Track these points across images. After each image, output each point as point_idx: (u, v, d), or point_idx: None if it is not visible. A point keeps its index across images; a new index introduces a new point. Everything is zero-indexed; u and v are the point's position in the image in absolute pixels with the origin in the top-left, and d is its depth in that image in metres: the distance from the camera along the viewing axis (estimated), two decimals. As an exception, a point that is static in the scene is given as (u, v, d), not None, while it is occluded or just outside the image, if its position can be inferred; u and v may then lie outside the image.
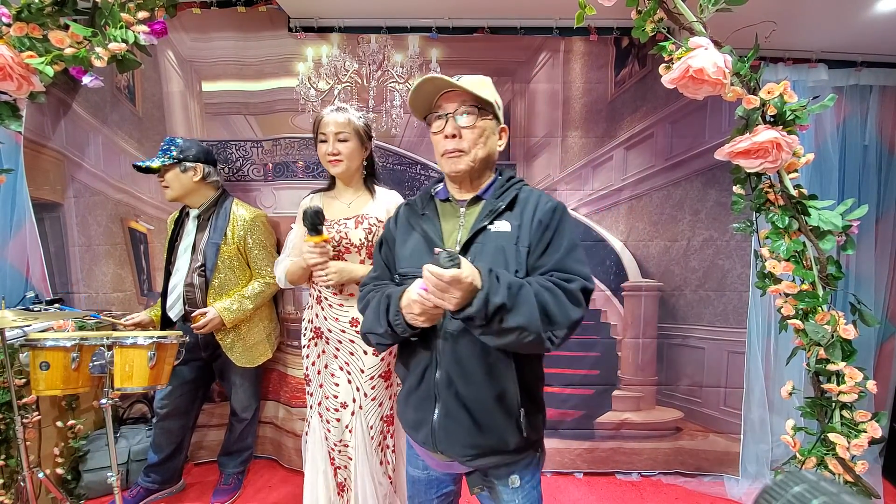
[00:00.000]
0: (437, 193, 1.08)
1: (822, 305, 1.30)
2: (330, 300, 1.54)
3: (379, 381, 1.55)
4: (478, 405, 0.91)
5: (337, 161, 1.50)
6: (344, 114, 1.51)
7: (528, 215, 0.95)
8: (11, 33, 1.27)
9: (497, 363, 0.91)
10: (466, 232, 0.96)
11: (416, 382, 0.97)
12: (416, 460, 1.11)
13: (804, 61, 2.10)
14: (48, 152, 2.17)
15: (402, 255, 1.03)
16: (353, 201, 1.58)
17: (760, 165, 1.29)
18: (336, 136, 1.49)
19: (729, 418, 2.23)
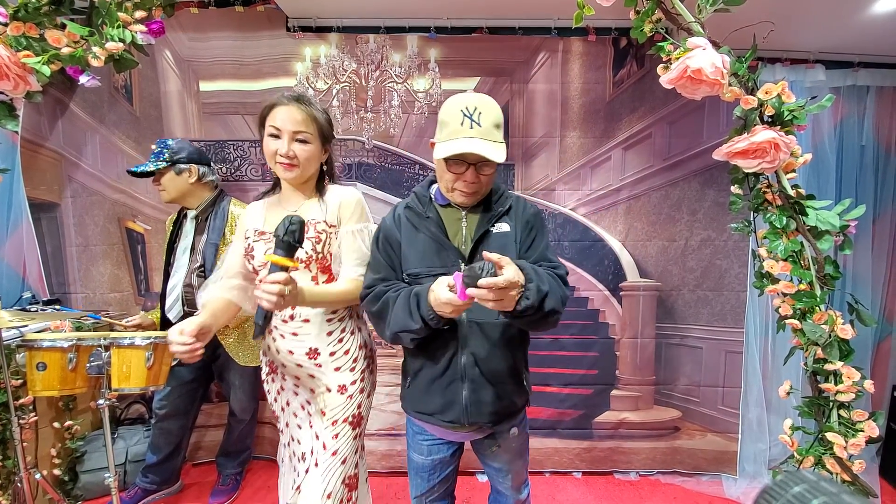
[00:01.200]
0: (437, 199, 1.17)
1: (819, 305, 1.30)
2: (280, 329, 1.22)
3: (344, 427, 1.19)
4: (497, 378, 1.11)
5: (290, 166, 1.18)
6: (305, 108, 1.18)
7: (518, 217, 1.15)
8: (8, 32, 1.26)
9: (511, 341, 1.12)
10: (471, 233, 1.12)
11: (441, 370, 1.11)
12: (420, 447, 1.23)
13: (802, 62, 2.10)
14: (45, 152, 2.16)
15: (409, 255, 1.12)
16: (300, 208, 1.25)
17: (758, 165, 1.30)
18: (293, 136, 1.17)
19: (727, 418, 2.24)
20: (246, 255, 1.25)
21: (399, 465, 2.23)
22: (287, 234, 0.99)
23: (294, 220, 1.00)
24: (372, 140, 2.19)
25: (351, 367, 1.26)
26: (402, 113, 2.17)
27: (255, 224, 1.27)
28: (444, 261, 1.09)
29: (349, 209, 1.25)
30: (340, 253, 1.24)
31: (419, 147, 2.19)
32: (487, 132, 1.03)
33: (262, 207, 1.31)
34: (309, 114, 1.18)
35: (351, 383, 1.25)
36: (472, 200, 1.12)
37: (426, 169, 2.20)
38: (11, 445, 1.58)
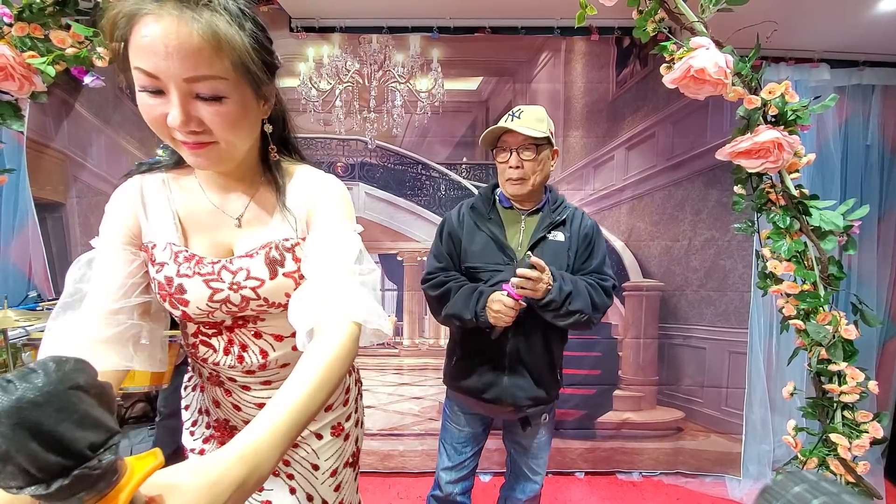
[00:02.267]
0: (501, 201, 1.31)
1: (823, 306, 1.29)
2: (241, 381, 0.78)
3: (346, 472, 0.90)
4: (536, 368, 1.25)
5: (200, 145, 0.61)
6: (200, 20, 0.53)
7: (575, 229, 1.27)
8: (13, 33, 1.27)
9: (551, 338, 1.26)
10: (528, 237, 1.25)
11: (488, 354, 1.25)
12: (458, 418, 1.39)
13: (806, 61, 2.09)
14: (51, 152, 2.17)
15: (470, 251, 1.26)
16: (247, 210, 0.72)
17: (762, 165, 1.29)
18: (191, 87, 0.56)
19: (730, 418, 2.23)
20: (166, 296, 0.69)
21: (401, 466, 2.23)
22: None
23: None
24: (375, 140, 2.19)
25: (344, 400, 0.89)
26: (405, 113, 2.17)
27: (164, 233, 0.70)
28: (500, 258, 1.23)
29: (332, 201, 0.73)
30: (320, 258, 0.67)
31: (422, 147, 2.20)
32: (525, 122, 1.19)
33: (162, 197, 0.72)
34: (211, 33, 0.54)
35: (346, 419, 0.89)
36: (523, 189, 1.23)
37: (429, 169, 2.21)
38: (17, 443, 1.59)
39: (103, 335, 0.62)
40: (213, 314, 0.71)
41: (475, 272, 1.25)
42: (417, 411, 2.26)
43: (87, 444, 0.29)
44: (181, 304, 0.69)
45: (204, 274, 0.68)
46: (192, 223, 0.71)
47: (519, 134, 1.18)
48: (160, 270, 0.68)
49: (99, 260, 0.68)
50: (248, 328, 0.74)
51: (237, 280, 0.69)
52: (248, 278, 0.69)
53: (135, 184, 0.72)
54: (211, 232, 0.71)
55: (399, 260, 2.24)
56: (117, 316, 0.64)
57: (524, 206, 1.29)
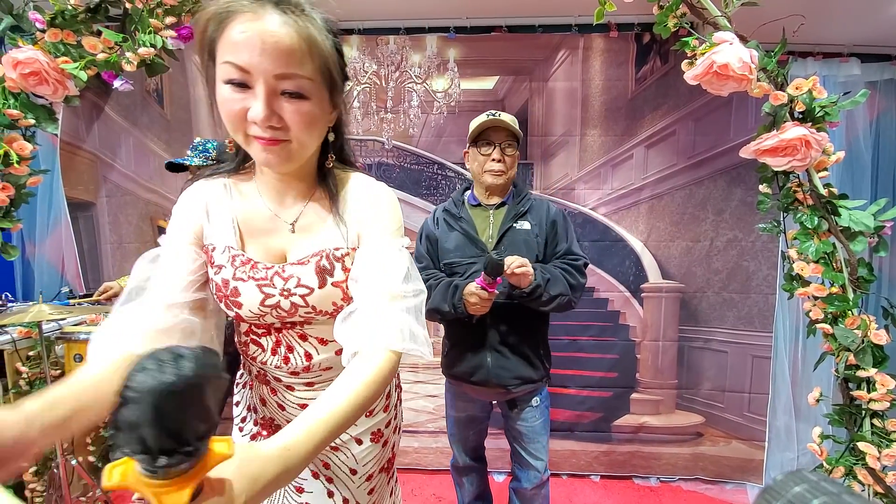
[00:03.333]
0: (469, 199, 1.44)
1: (852, 309, 1.25)
2: (286, 381, 0.80)
3: (381, 478, 0.90)
4: (518, 348, 1.34)
5: (275, 142, 0.62)
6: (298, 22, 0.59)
7: (541, 217, 1.37)
8: (46, 39, 1.33)
9: (530, 321, 1.35)
10: (496, 229, 1.36)
11: (471, 340, 1.36)
12: (457, 403, 1.50)
13: (835, 55, 2.02)
14: (82, 154, 2.27)
15: (446, 248, 1.39)
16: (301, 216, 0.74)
17: (788, 164, 1.25)
18: (278, 83, 0.59)
19: (753, 425, 2.17)
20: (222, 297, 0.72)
21: (415, 462, 2.24)
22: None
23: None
24: (391, 140, 2.21)
25: (385, 406, 0.89)
26: (422, 113, 2.18)
27: (223, 237, 0.73)
28: (472, 252, 1.35)
29: (382, 215, 0.74)
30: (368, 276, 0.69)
31: (438, 147, 2.20)
32: (508, 121, 1.32)
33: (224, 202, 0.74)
34: (305, 35, 0.59)
35: (386, 426, 0.89)
36: (501, 181, 1.34)
37: (445, 168, 2.21)
38: (50, 432, 1.66)
39: (161, 325, 0.64)
40: (263, 317, 0.73)
41: (452, 267, 1.37)
42: (432, 409, 2.27)
43: (196, 434, 0.33)
44: (235, 307, 0.72)
45: (258, 279, 0.71)
46: (249, 227, 0.74)
47: (504, 129, 1.32)
48: (218, 272, 0.72)
49: (164, 256, 0.71)
50: (295, 330, 0.76)
51: (288, 287, 0.71)
52: (298, 286, 0.71)
53: (200, 188, 0.76)
54: (266, 237, 0.74)
55: (415, 259, 2.25)
56: (173, 309, 0.67)
57: (491, 201, 1.40)
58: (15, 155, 1.33)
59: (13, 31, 1.34)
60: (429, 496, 2.07)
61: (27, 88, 1.33)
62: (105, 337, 0.62)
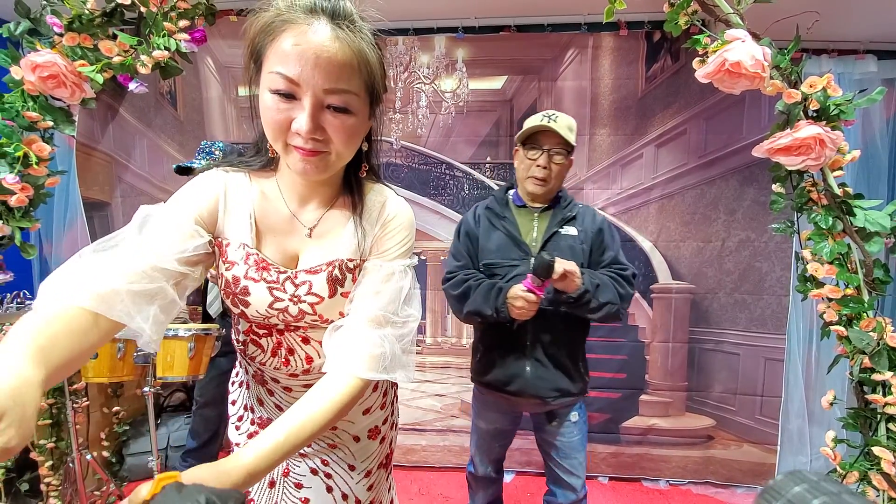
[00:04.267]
0: (514, 199, 1.38)
1: (867, 311, 1.23)
2: (283, 382, 0.81)
3: (379, 474, 0.92)
4: (558, 359, 1.28)
5: (314, 154, 0.62)
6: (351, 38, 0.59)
7: (587, 224, 1.32)
8: (64, 43, 1.36)
9: (571, 331, 1.29)
10: (541, 233, 1.31)
11: (509, 347, 1.29)
12: (486, 414, 1.42)
13: (851, 52, 1.98)
14: (98, 155, 2.31)
15: (487, 248, 1.33)
16: (320, 222, 0.73)
17: (802, 163, 1.23)
18: (325, 97, 0.59)
19: (765, 428, 2.13)
20: (229, 294, 0.72)
21: (423, 460, 2.25)
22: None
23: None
24: (400, 140, 2.22)
25: (381, 404, 0.90)
26: (430, 113, 2.19)
27: (238, 233, 0.71)
28: (515, 254, 1.29)
29: (395, 234, 0.74)
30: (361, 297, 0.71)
31: (446, 147, 2.21)
32: (562, 128, 1.25)
33: (244, 195, 0.72)
34: (356, 51, 0.59)
35: (383, 422, 0.91)
36: (544, 189, 1.29)
37: (453, 168, 2.22)
38: (65, 428, 1.70)
39: (135, 287, 0.60)
40: (268, 319, 0.73)
41: (493, 268, 1.30)
42: (439, 408, 2.28)
43: None
44: (242, 305, 0.71)
45: (269, 281, 0.70)
46: (267, 226, 0.72)
47: (555, 136, 1.24)
48: (230, 269, 0.70)
49: (162, 221, 0.66)
50: (297, 333, 0.75)
51: (298, 293, 0.71)
52: (308, 293, 0.71)
53: (220, 175, 0.72)
54: (282, 238, 0.72)
55: (423, 259, 2.26)
56: (156, 273, 0.62)
57: (536, 204, 1.35)
58: (34, 156, 1.36)
59: (31, 34, 1.37)
60: (436, 495, 2.08)
61: (45, 91, 1.37)
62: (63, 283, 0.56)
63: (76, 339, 0.53)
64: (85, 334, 0.54)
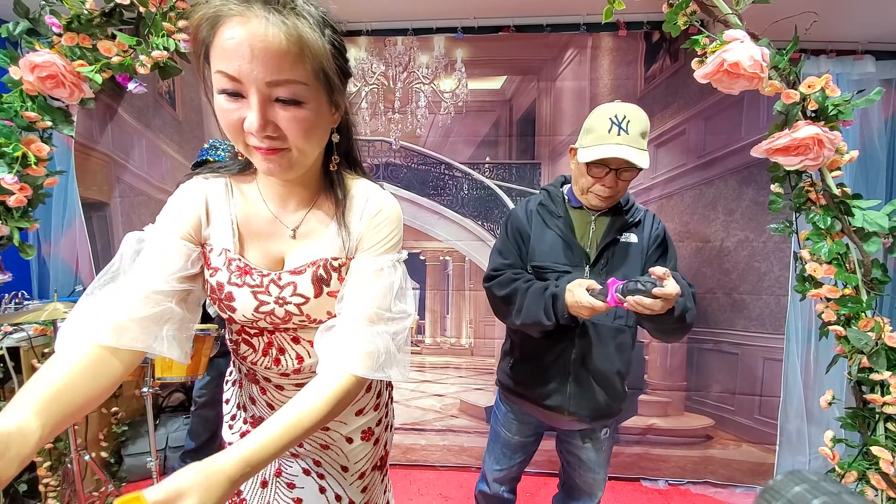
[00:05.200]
0: (570, 200, 1.23)
1: (865, 311, 1.23)
2: (275, 381, 0.80)
3: (374, 476, 0.92)
4: (602, 378, 1.16)
5: (273, 151, 0.60)
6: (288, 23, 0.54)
7: (647, 232, 1.20)
8: (63, 43, 1.36)
9: (620, 346, 1.17)
10: (597, 238, 1.18)
11: (551, 359, 1.17)
12: (511, 425, 1.31)
13: (849, 53, 1.99)
14: (96, 155, 2.31)
15: (538, 249, 1.20)
16: (303, 223, 0.72)
17: (801, 163, 1.24)
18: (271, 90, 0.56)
19: (764, 428, 2.14)
20: (216, 300, 0.72)
21: (422, 459, 2.25)
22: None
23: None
24: (399, 141, 2.22)
25: (375, 405, 0.89)
26: (429, 113, 2.19)
27: (221, 239, 0.70)
28: (569, 259, 1.16)
29: (381, 229, 0.72)
30: (351, 295, 0.69)
31: (445, 147, 2.21)
32: (634, 140, 1.07)
33: (224, 200, 0.71)
34: (296, 36, 0.54)
35: (377, 424, 0.90)
36: (608, 204, 1.16)
37: (452, 169, 2.22)
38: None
39: (139, 314, 0.61)
40: (256, 322, 0.73)
41: (542, 272, 1.18)
42: (439, 408, 2.28)
43: None
44: (229, 310, 0.72)
45: (253, 285, 0.69)
46: (249, 230, 0.71)
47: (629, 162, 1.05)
48: (213, 275, 0.70)
49: (151, 244, 0.67)
50: (287, 333, 0.75)
51: (283, 295, 0.70)
52: (294, 294, 0.70)
53: (200, 185, 0.72)
54: (266, 241, 0.72)
55: (422, 259, 2.26)
56: (157, 297, 0.64)
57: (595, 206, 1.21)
58: (33, 156, 1.36)
59: (30, 34, 1.37)
60: (435, 496, 2.08)
61: (44, 91, 1.36)
62: (76, 324, 0.59)
63: (95, 375, 0.56)
64: (104, 369, 0.57)
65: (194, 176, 0.74)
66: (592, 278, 1.10)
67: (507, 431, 1.32)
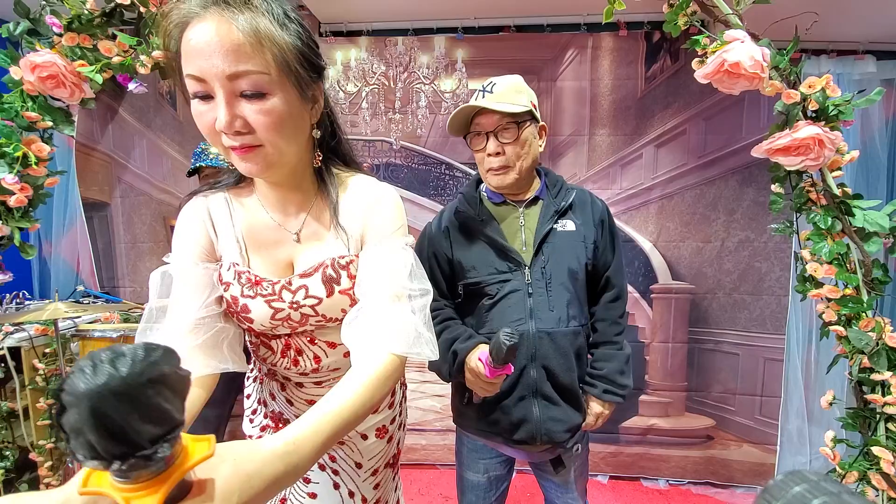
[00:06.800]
0: (489, 196, 1.08)
1: (866, 311, 1.23)
2: (295, 380, 0.83)
3: (386, 473, 0.95)
4: (567, 391, 1.03)
5: (247, 149, 0.60)
6: (241, 17, 0.55)
7: (587, 215, 1.06)
8: (63, 43, 1.36)
9: (580, 350, 1.05)
10: (531, 232, 1.03)
11: (509, 386, 1.01)
12: (476, 465, 1.14)
13: (850, 53, 1.98)
14: (97, 155, 2.31)
15: (465, 265, 1.04)
16: (304, 226, 0.73)
17: (801, 163, 1.23)
18: (232, 85, 0.56)
19: (764, 428, 2.14)
20: (234, 314, 0.73)
21: (423, 458, 2.25)
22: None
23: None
24: (399, 141, 2.22)
25: (389, 403, 0.92)
26: (430, 114, 2.19)
27: (229, 253, 0.72)
28: (504, 266, 1.01)
29: (383, 215, 0.73)
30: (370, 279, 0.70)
31: (445, 147, 2.21)
32: (498, 97, 0.96)
33: (228, 219, 0.73)
34: (251, 29, 0.55)
35: (391, 422, 0.93)
36: (507, 179, 1.00)
37: (452, 169, 2.22)
38: (66, 427, 1.70)
39: (196, 342, 0.65)
40: (275, 329, 0.74)
41: (478, 288, 1.02)
42: (439, 408, 2.28)
43: (148, 436, 0.30)
44: (247, 321, 0.72)
45: (265, 295, 0.70)
46: (254, 241, 0.72)
47: (494, 112, 0.95)
48: (227, 290, 0.71)
49: (177, 277, 0.70)
50: (304, 336, 0.76)
51: (297, 299, 0.70)
52: (307, 297, 0.70)
53: (201, 202, 0.74)
54: (272, 248, 0.72)
55: (422, 259, 2.26)
56: (205, 321, 0.68)
57: (518, 196, 1.06)
58: (33, 156, 1.36)
59: (30, 34, 1.37)
60: (436, 496, 2.08)
61: (45, 91, 1.36)
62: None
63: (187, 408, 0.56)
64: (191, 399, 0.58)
65: (193, 196, 0.75)
66: (534, 280, 1.00)
67: (475, 473, 1.14)
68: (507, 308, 1.01)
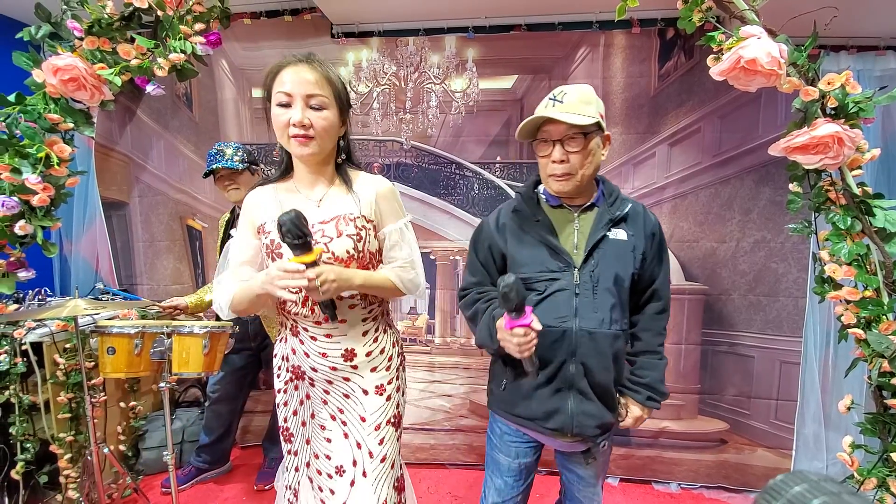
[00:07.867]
0: (547, 198, 1.14)
1: (886, 314, 1.20)
2: (311, 331, 1.09)
3: (388, 429, 1.12)
4: (604, 390, 1.08)
5: (306, 138, 1.00)
6: (318, 68, 1.01)
7: (640, 226, 1.11)
8: (84, 47, 1.40)
9: (619, 352, 1.10)
10: (584, 237, 1.08)
11: (547, 377, 1.07)
12: (508, 448, 1.19)
13: (871, 49, 1.93)
14: (116, 155, 2.37)
15: (519, 260, 1.11)
16: (325, 196, 1.09)
17: (820, 162, 1.21)
18: (307, 101, 0.99)
19: (780, 432, 2.09)
20: (269, 253, 1.07)
21: (432, 458, 2.26)
22: (288, 237, 0.90)
23: (283, 220, 0.89)
24: (410, 140, 2.23)
25: (387, 366, 1.15)
26: (440, 113, 2.19)
27: (270, 216, 1.06)
28: (555, 265, 1.06)
29: (388, 203, 1.11)
30: (386, 254, 1.14)
31: (456, 147, 2.21)
32: (568, 107, 1.00)
33: (272, 196, 1.10)
34: (323, 74, 1.00)
35: (388, 382, 1.14)
36: (568, 186, 1.05)
37: (463, 168, 2.22)
38: (84, 422, 1.75)
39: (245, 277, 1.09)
40: None
41: (528, 283, 1.06)
42: (448, 408, 2.28)
43: (305, 232, 0.91)
44: (279, 257, 1.04)
45: None
46: (289, 206, 1.00)
47: (562, 123, 1.00)
48: (268, 235, 1.07)
49: (237, 239, 1.13)
50: None
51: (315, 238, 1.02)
52: (322, 236, 1.04)
53: (257, 194, 1.13)
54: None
55: (432, 259, 2.26)
56: (251, 269, 1.11)
57: (575, 202, 1.11)
58: (55, 157, 1.40)
59: (52, 38, 1.41)
60: (444, 494, 2.08)
61: (66, 94, 1.41)
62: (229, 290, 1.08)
63: None
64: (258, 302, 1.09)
65: (253, 189, 1.15)
66: (582, 281, 1.05)
67: (505, 456, 1.19)
68: (553, 305, 1.06)
